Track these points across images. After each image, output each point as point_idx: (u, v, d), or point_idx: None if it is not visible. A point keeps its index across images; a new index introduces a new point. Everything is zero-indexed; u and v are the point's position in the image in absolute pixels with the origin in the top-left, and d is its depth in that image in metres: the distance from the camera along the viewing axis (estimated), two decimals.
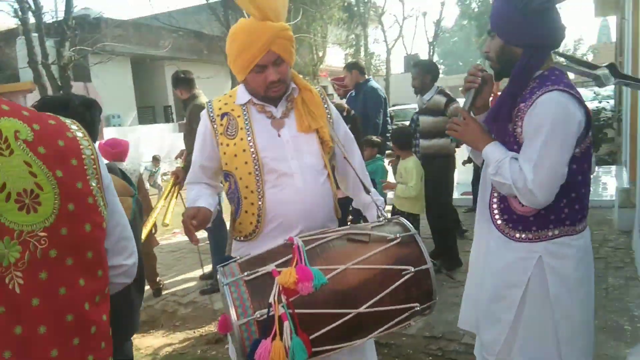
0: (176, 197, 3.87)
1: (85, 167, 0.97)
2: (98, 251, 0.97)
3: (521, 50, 1.67)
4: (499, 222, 1.75)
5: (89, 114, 1.70)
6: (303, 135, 1.80)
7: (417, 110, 4.57)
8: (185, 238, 6.23)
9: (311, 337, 1.40)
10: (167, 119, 17.72)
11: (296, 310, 1.39)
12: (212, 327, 3.62)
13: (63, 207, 0.90)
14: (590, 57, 32.38)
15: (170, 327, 3.74)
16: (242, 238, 1.83)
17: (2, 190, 0.83)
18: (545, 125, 1.56)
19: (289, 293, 1.39)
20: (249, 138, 1.76)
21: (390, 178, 4.72)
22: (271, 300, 1.38)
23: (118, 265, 1.09)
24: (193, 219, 1.67)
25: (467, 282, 1.98)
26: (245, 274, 1.44)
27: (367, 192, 1.88)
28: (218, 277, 1.50)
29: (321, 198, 1.80)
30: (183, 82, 4.45)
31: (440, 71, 5.03)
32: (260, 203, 1.75)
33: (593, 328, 1.77)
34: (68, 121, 1.01)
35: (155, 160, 10.60)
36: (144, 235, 2.85)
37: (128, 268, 1.14)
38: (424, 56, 26.58)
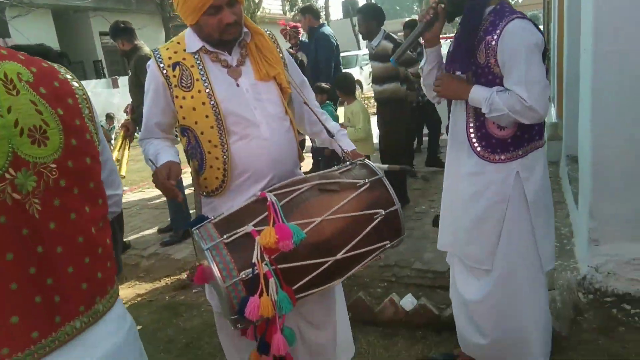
0: (128, 149, 3.83)
1: (79, 105, 1.04)
2: (97, 182, 1.07)
3: None
4: (479, 148, 1.92)
5: (61, 63, 1.71)
6: (262, 84, 1.74)
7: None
8: (136, 196, 6.20)
9: (294, 287, 1.48)
10: (99, 75, 16.74)
11: (278, 266, 1.44)
12: (177, 276, 3.72)
13: (67, 141, 0.98)
14: None
15: (134, 278, 3.80)
16: (210, 193, 1.79)
17: (16, 126, 0.90)
18: (521, 49, 1.74)
19: (270, 251, 1.43)
20: (207, 90, 1.67)
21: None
22: (254, 260, 1.42)
23: (112, 195, 1.19)
24: (169, 178, 1.60)
25: (442, 208, 2.17)
26: (225, 236, 1.46)
27: (331, 135, 1.92)
28: (196, 240, 1.50)
29: (288, 146, 1.78)
30: (124, 32, 4.27)
31: None
32: (225, 157, 1.70)
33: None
34: (56, 65, 1.06)
35: (110, 118, 10.58)
36: None
37: (119, 198, 1.25)
38: (362, 1, 26.29)
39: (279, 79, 1.77)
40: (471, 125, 1.95)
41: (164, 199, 4.74)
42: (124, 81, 14.00)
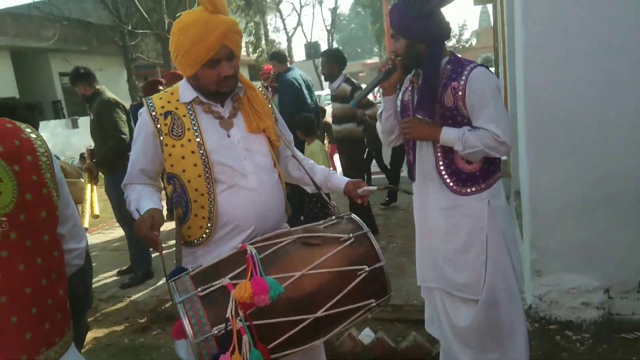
0: (96, 191, 3.82)
1: (39, 162, 1.11)
2: (53, 235, 1.13)
3: (424, 46, 2.02)
4: (451, 184, 2.08)
5: (32, 116, 1.78)
6: (252, 136, 1.77)
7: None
8: (96, 238, 6.09)
9: (270, 345, 1.41)
10: (57, 115, 16.50)
11: (254, 322, 1.39)
12: (137, 319, 3.68)
13: (21, 196, 1.05)
14: (474, 42, 35.18)
15: (93, 322, 3.73)
16: (192, 243, 1.75)
17: None
18: (488, 91, 1.96)
19: (245, 306, 1.38)
20: (198, 139, 1.68)
21: None
22: (228, 315, 1.36)
23: (74, 249, 1.25)
24: (152, 229, 1.54)
25: (418, 245, 2.29)
26: (199, 289, 1.41)
27: (318, 189, 1.93)
28: (170, 292, 1.46)
29: (275, 198, 1.78)
30: (84, 77, 4.29)
31: None
32: (211, 207, 1.69)
33: None
34: (23, 125, 1.15)
35: (83, 158, 10.33)
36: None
37: (81, 251, 1.29)
38: (324, 44, 27.18)
39: (268, 132, 1.80)
40: (441, 163, 2.09)
41: (124, 241, 4.70)
42: (84, 121, 13.87)
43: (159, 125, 1.70)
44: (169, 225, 2.78)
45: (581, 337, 2.73)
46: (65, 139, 13.85)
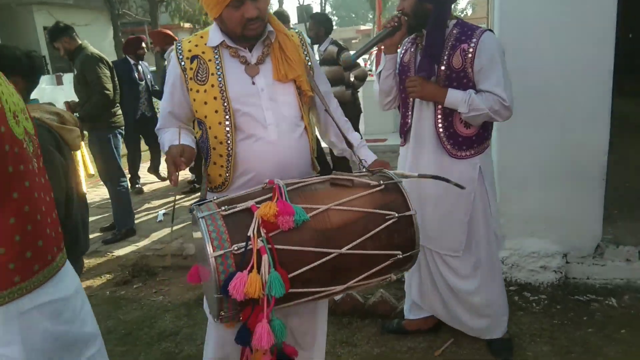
0: (84, 148, 3.85)
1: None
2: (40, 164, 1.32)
3: (431, 6, 2.05)
4: (448, 146, 2.15)
5: (31, 66, 1.89)
6: (279, 84, 1.68)
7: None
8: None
9: (290, 275, 1.33)
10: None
11: (276, 246, 1.33)
12: (118, 272, 3.80)
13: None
14: (469, 12, 34.85)
15: None
16: (213, 189, 1.75)
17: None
18: (496, 56, 2.01)
19: (268, 227, 1.33)
20: (221, 85, 1.64)
21: None
22: (250, 233, 1.31)
23: None
24: (180, 156, 1.54)
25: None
26: (223, 208, 1.38)
27: (350, 146, 1.83)
28: (193, 212, 1.42)
29: (297, 152, 1.70)
30: (65, 31, 4.24)
31: (334, 23, 5.35)
32: (229, 156, 1.66)
33: None
34: None
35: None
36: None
37: None
38: (316, 7, 26.66)
39: (299, 81, 1.70)
40: (440, 125, 2.15)
41: (108, 199, 4.78)
42: (68, 78, 13.62)
43: (185, 69, 1.68)
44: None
45: (538, 297, 2.91)
46: (51, 96, 13.59)
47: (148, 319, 3.08)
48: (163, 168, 6.31)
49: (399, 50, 2.30)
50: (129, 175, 5.76)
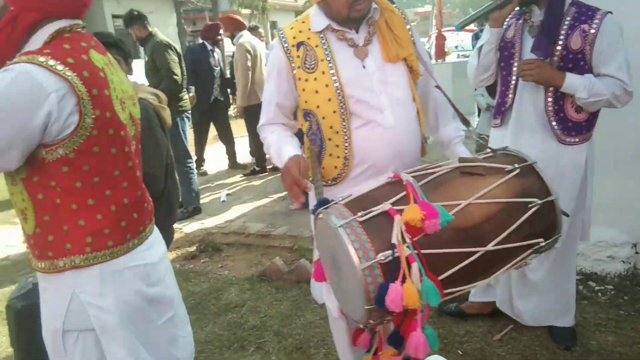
0: None
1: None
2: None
3: None
4: (558, 131, 2.07)
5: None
6: (389, 65, 1.59)
7: None
8: None
9: (439, 279, 1.27)
10: None
11: (422, 251, 1.24)
12: (187, 248, 4.04)
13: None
14: None
15: None
16: (325, 182, 1.66)
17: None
18: (620, 39, 1.94)
19: (411, 232, 1.24)
20: (332, 71, 1.55)
21: None
22: (394, 240, 1.23)
23: None
24: (300, 174, 1.45)
25: None
26: (359, 214, 1.28)
27: (467, 124, 1.71)
28: (326, 219, 1.32)
29: (413, 138, 1.62)
30: (138, 19, 4.50)
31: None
32: (346, 145, 1.57)
33: None
34: None
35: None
36: None
37: None
38: None
39: (410, 60, 1.61)
40: (550, 108, 2.06)
41: None
42: (137, 64, 14.24)
43: (291, 58, 1.59)
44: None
45: (604, 287, 2.83)
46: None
47: (215, 291, 3.27)
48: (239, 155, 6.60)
49: (505, 25, 2.16)
50: (195, 157, 6.04)
